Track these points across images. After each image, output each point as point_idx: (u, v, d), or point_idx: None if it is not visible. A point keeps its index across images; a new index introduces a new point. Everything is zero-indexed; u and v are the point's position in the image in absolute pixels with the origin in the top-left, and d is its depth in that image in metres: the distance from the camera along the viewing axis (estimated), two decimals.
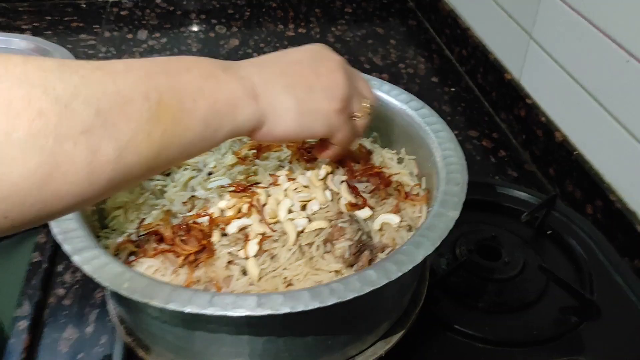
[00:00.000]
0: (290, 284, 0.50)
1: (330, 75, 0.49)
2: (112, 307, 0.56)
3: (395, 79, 1.18)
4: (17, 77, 0.32)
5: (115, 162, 0.36)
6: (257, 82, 0.45)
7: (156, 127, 0.38)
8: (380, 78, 1.16)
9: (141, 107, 0.37)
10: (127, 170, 0.37)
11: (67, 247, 0.45)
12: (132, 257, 0.52)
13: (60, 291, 0.73)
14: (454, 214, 0.49)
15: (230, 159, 0.61)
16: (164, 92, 0.39)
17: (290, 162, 0.60)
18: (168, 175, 0.60)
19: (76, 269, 0.76)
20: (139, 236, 0.52)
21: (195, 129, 0.41)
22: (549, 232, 0.75)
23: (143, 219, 0.55)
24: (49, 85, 0.33)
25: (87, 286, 0.74)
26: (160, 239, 0.52)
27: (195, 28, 1.34)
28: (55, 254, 0.78)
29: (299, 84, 0.47)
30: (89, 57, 1.20)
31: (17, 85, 0.32)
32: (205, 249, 0.50)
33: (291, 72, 0.48)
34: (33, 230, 0.89)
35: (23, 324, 0.68)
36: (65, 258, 0.76)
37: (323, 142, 0.54)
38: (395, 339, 0.54)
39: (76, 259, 0.44)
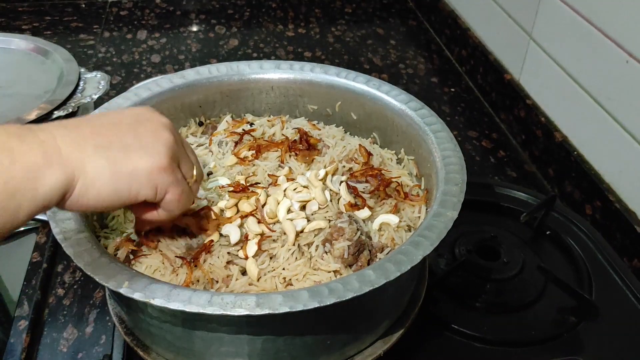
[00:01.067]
0: (289, 284, 0.50)
1: (152, 134, 0.44)
2: (111, 307, 0.56)
3: (395, 79, 1.18)
4: None
5: None
6: (62, 144, 0.39)
7: None
8: (380, 78, 1.17)
9: None
10: None
11: (67, 248, 0.45)
12: (131, 257, 0.52)
13: (60, 291, 0.73)
14: (453, 214, 0.49)
15: (229, 159, 0.61)
16: None
17: (282, 162, 0.60)
18: None
19: (76, 269, 0.76)
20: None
21: None
22: (547, 232, 0.75)
23: None
24: None
25: (87, 286, 0.74)
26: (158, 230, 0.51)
27: (194, 28, 1.34)
28: (55, 254, 0.78)
29: (113, 143, 0.42)
30: (88, 57, 1.20)
31: None
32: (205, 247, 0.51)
33: (105, 132, 0.42)
34: (33, 231, 0.89)
35: (23, 324, 0.68)
36: (65, 258, 0.77)
37: (149, 205, 0.46)
38: (394, 338, 0.54)
39: (77, 260, 0.44)
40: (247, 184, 0.57)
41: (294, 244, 0.52)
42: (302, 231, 0.52)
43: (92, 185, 0.40)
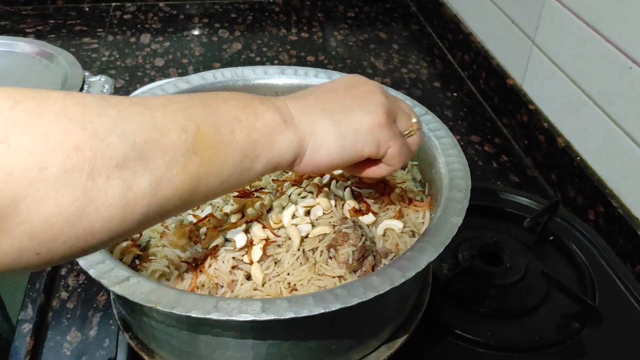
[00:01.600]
0: (294, 289, 0.50)
1: (367, 95, 0.47)
2: (116, 310, 0.56)
3: (397, 84, 1.18)
4: (56, 112, 0.32)
5: (150, 196, 0.35)
6: (293, 110, 0.44)
7: (192, 160, 0.37)
8: (383, 83, 1.17)
9: (177, 140, 0.36)
10: (162, 205, 0.36)
11: None
12: (137, 262, 0.52)
13: (64, 294, 0.74)
14: (457, 220, 0.49)
15: None
16: (201, 124, 0.38)
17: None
18: None
19: (79, 273, 0.76)
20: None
21: (232, 160, 0.40)
22: (551, 237, 0.76)
23: None
24: (87, 120, 0.32)
25: (90, 290, 0.74)
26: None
27: (198, 32, 1.35)
28: None
29: (336, 107, 0.46)
30: (92, 60, 1.21)
31: (55, 120, 0.31)
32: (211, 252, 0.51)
33: (327, 98, 0.47)
34: None
35: (27, 327, 0.68)
36: (69, 262, 0.77)
37: (370, 162, 0.50)
38: (398, 343, 0.55)
39: (82, 263, 0.44)
40: (252, 189, 0.58)
41: (298, 249, 0.52)
42: (306, 236, 0.53)
43: (322, 146, 0.44)
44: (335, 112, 0.45)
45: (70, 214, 0.32)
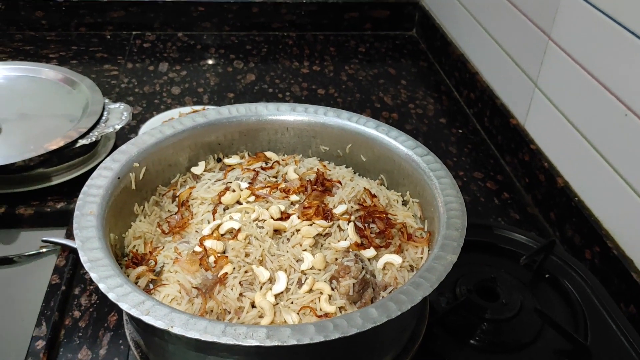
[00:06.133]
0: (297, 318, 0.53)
1: None
2: (128, 331, 0.59)
3: (404, 119, 1.22)
4: None
5: None
6: None
7: None
8: (390, 117, 1.22)
9: None
10: None
11: (94, 275, 0.48)
12: (151, 286, 0.56)
13: (76, 313, 0.77)
14: (453, 257, 0.52)
15: (245, 192, 0.64)
16: None
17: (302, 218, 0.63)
18: (187, 208, 0.64)
19: (92, 293, 0.79)
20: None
21: None
22: (546, 275, 0.78)
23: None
24: None
25: (102, 310, 0.77)
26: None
27: (213, 62, 1.40)
28: (73, 277, 0.81)
29: None
30: (112, 86, 1.26)
31: None
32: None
33: None
34: (53, 253, 0.93)
35: (40, 344, 0.71)
36: (82, 281, 0.81)
37: None
38: None
39: (102, 287, 0.48)
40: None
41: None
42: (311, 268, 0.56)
43: None
44: None
45: None
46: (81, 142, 0.93)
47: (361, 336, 0.45)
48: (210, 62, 1.40)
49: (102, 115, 0.99)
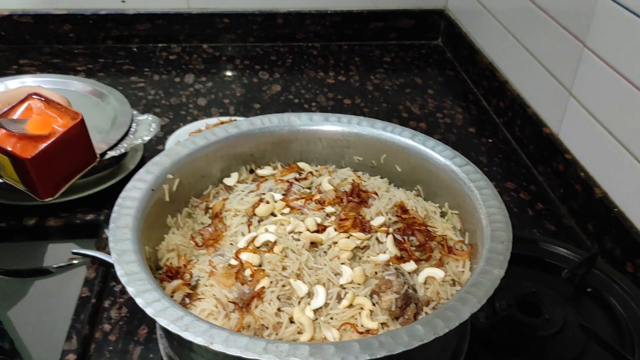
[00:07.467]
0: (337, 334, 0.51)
1: None
2: (162, 346, 0.58)
3: (432, 129, 1.20)
4: None
5: None
6: None
7: None
8: (418, 127, 1.20)
9: None
10: None
11: (131, 289, 0.47)
12: (187, 300, 0.54)
13: (106, 326, 0.76)
14: (500, 272, 0.50)
15: (280, 204, 0.63)
16: None
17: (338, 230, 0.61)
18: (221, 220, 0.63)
19: (122, 305, 0.79)
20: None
21: None
22: (589, 289, 0.75)
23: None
24: None
25: (132, 323, 0.76)
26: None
27: (239, 73, 1.40)
28: (103, 290, 0.81)
29: None
30: (139, 98, 1.26)
31: None
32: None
33: None
34: (83, 265, 0.93)
35: (71, 358, 0.70)
36: (112, 294, 0.80)
37: None
38: None
39: (139, 301, 0.46)
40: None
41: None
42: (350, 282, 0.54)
43: None
44: None
45: None
46: (110, 153, 0.93)
47: (407, 354, 0.44)
48: (235, 73, 1.40)
49: (130, 127, 0.99)
